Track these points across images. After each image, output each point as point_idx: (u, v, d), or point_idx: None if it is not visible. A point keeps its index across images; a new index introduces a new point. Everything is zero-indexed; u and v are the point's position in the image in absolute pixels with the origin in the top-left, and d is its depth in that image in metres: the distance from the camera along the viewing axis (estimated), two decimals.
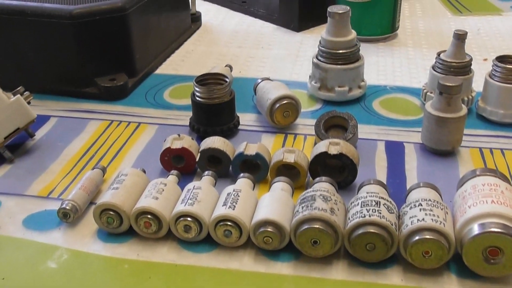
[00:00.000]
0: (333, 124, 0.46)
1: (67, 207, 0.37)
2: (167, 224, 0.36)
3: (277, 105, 0.47)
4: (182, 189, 0.38)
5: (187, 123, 0.49)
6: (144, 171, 0.40)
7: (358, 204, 0.34)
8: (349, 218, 0.34)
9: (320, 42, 0.51)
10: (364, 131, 0.48)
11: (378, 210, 0.34)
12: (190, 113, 0.48)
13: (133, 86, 0.56)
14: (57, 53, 0.51)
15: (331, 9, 0.49)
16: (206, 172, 0.40)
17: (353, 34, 0.50)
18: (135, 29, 0.53)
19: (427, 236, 0.32)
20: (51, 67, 0.52)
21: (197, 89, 0.46)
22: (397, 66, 0.59)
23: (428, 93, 0.49)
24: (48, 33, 0.50)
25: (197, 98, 0.46)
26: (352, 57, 0.50)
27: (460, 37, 0.47)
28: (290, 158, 0.40)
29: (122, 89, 0.55)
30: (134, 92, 0.56)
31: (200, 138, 0.46)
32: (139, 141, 0.48)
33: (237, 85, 0.55)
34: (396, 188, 0.40)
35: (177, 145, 0.42)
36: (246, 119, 0.51)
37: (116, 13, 0.51)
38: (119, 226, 0.37)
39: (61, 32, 0.50)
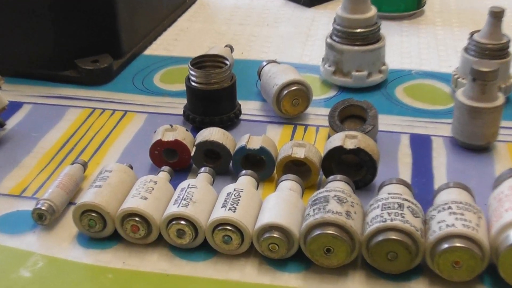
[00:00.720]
0: (349, 114, 0.46)
1: (43, 208, 0.37)
2: (157, 228, 0.36)
3: (285, 91, 0.48)
4: (175, 188, 0.38)
5: (181, 112, 0.49)
6: (131, 167, 0.40)
7: (378, 206, 0.34)
8: (367, 223, 0.34)
9: (334, 20, 0.51)
10: (386, 122, 0.48)
11: (401, 214, 0.34)
12: (184, 101, 0.48)
13: (119, 69, 0.56)
14: (31, 31, 0.51)
15: None
16: (203, 169, 0.40)
17: (373, 10, 0.50)
18: (121, 4, 0.54)
19: (458, 244, 0.32)
20: (25, 47, 0.52)
21: (192, 73, 0.46)
22: (423, 47, 0.59)
23: (459, 79, 0.49)
24: (21, 8, 0.50)
25: (193, 83, 0.46)
26: (372, 37, 0.51)
27: (496, 15, 0.47)
28: (299, 153, 0.40)
29: (106, 73, 0.55)
30: (119, 75, 0.56)
31: (195, 129, 0.46)
32: (126, 132, 0.48)
33: (238, 69, 0.55)
34: (422, 189, 0.40)
35: (169, 137, 0.42)
36: (249, 107, 0.51)
37: None
38: (102, 230, 0.37)
39: (36, 6, 0.50)
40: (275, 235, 0.34)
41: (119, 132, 0.48)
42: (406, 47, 0.59)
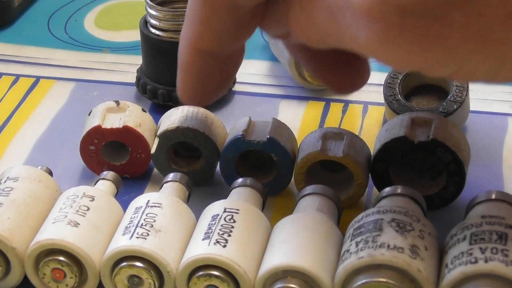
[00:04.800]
0: (420, 84, 0.42)
1: None
2: (96, 273, 0.33)
3: None
4: (125, 207, 0.35)
5: (133, 79, 0.44)
6: (50, 172, 0.37)
7: (465, 238, 0.31)
8: (446, 265, 0.31)
9: None
10: (483, 96, 0.43)
11: (502, 251, 0.30)
12: (138, 60, 0.45)
13: (24, 4, 0.51)
14: None
15: None
16: (172, 176, 0.36)
17: None
18: None
19: None
20: None
21: (152, 12, 0.42)
22: None
23: None
24: None
25: (153, 31, 0.42)
26: None
27: None
28: (335, 150, 0.36)
29: (3, 10, 0.49)
30: (25, 15, 0.51)
31: (158, 109, 0.42)
32: (39, 112, 0.44)
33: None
34: None
35: (113, 121, 0.38)
36: (250, 72, 0.46)
37: None
38: (5, 277, 0.34)
39: None
40: (292, 285, 0.31)
41: (27, 113, 0.43)
42: None
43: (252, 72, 0.47)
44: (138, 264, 0.32)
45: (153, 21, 0.43)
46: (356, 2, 0.26)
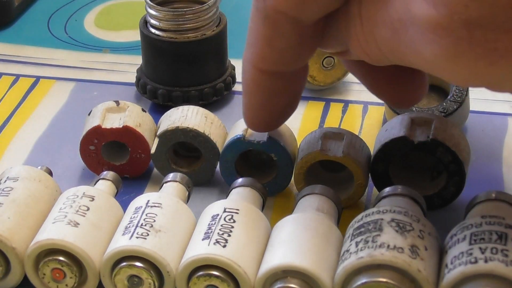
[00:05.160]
0: None
1: None
2: (96, 273, 0.33)
3: None
4: (125, 207, 0.35)
5: (133, 79, 0.45)
6: (50, 172, 0.37)
7: (464, 238, 0.31)
8: (446, 265, 0.31)
9: None
10: (483, 96, 0.43)
11: (502, 251, 0.30)
12: (138, 60, 0.45)
13: (24, 4, 0.51)
14: None
15: None
16: (171, 176, 0.37)
17: None
18: None
19: None
20: None
21: (152, 12, 0.42)
22: None
23: None
24: None
25: (153, 31, 0.43)
26: None
27: None
28: (335, 150, 0.37)
29: (3, 10, 0.49)
30: (25, 15, 0.51)
31: (158, 109, 0.43)
32: (39, 112, 0.44)
33: (230, 5, 0.51)
34: None
35: (113, 122, 0.38)
36: None
37: None
38: (4, 277, 0.34)
39: None
40: (292, 285, 0.31)
41: (27, 113, 0.43)
42: None
43: None
44: (138, 264, 0.32)
45: (153, 21, 0.43)
46: (421, 17, 0.25)
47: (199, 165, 0.39)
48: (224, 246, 0.32)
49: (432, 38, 0.25)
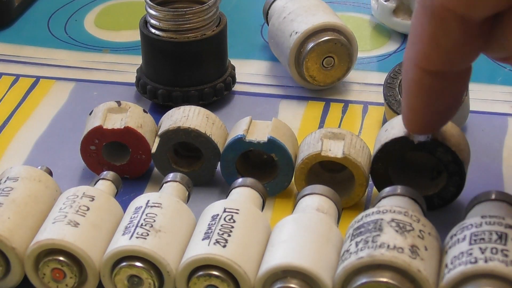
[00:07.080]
0: None
1: None
2: (96, 273, 0.33)
3: (311, 44, 0.43)
4: (125, 207, 0.35)
5: (133, 79, 0.45)
6: (50, 173, 0.37)
7: (464, 238, 0.31)
8: (446, 265, 0.31)
9: None
10: (483, 96, 0.43)
11: (502, 251, 0.30)
12: (138, 60, 0.45)
13: (24, 4, 0.51)
14: None
15: None
16: (172, 176, 0.37)
17: None
18: None
19: None
20: None
21: (152, 12, 0.42)
22: None
23: None
24: None
25: (153, 31, 0.43)
26: None
27: None
28: (335, 150, 0.37)
29: (3, 10, 0.49)
30: (25, 15, 0.51)
31: (159, 109, 0.43)
32: (39, 112, 0.44)
33: (231, 5, 0.51)
34: None
35: (114, 122, 0.38)
36: (249, 71, 0.46)
37: None
38: (5, 276, 0.34)
39: None
40: (292, 285, 0.31)
41: (27, 113, 0.43)
42: None
43: (252, 72, 0.47)
44: (138, 264, 0.32)
45: (153, 21, 0.43)
46: None
47: (200, 165, 0.39)
48: (224, 246, 0.32)
49: None
